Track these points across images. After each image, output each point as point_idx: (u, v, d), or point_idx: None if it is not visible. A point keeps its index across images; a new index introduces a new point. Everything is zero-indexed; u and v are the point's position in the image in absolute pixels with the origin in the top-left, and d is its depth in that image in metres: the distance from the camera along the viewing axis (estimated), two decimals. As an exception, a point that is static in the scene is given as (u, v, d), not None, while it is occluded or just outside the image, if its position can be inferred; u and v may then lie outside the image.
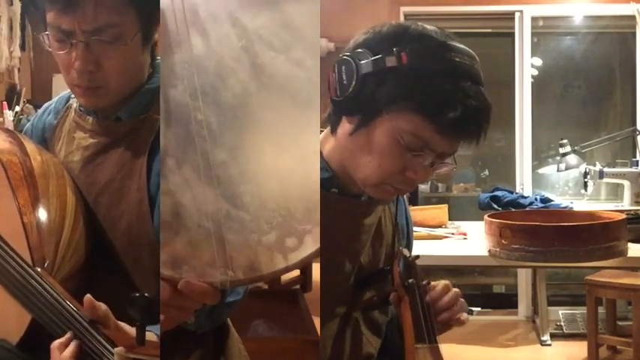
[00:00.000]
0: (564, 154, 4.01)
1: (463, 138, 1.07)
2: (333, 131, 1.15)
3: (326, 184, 1.12)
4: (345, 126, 1.11)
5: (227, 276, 0.89)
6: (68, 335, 0.99)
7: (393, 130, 1.05)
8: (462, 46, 1.07)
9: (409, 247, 1.33)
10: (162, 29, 0.92)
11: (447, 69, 1.03)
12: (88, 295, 0.99)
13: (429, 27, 1.08)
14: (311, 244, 0.88)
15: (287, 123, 0.89)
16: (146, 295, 0.89)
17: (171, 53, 0.91)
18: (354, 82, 1.05)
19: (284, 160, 0.89)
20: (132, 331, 0.96)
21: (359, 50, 1.07)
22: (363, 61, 1.05)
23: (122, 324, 1.00)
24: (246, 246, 0.89)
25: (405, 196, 1.34)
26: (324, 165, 1.15)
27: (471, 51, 1.07)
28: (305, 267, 4.26)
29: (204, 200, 0.89)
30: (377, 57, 1.04)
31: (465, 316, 1.18)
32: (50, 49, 1.16)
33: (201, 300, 0.91)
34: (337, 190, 1.16)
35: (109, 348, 0.95)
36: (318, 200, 0.89)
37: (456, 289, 1.20)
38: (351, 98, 1.06)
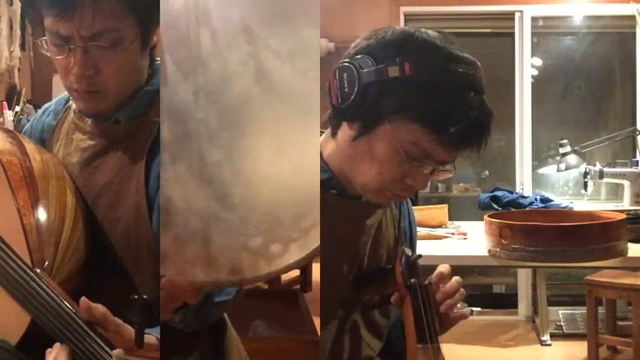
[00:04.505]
0: (564, 154, 4.00)
1: (465, 148, 1.06)
2: (333, 135, 1.15)
3: (325, 185, 1.12)
4: (346, 131, 1.11)
5: (208, 277, 0.88)
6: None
7: (394, 140, 1.04)
8: (466, 54, 1.05)
9: (412, 249, 1.33)
10: (170, 25, 0.91)
11: (450, 80, 1.02)
12: (84, 298, 0.99)
13: (432, 33, 1.06)
14: (296, 252, 0.87)
15: (286, 128, 0.89)
16: (145, 297, 0.89)
17: (179, 49, 0.91)
18: (355, 91, 1.04)
19: (278, 165, 0.89)
20: (131, 332, 0.96)
21: (360, 57, 1.06)
22: (365, 70, 1.04)
23: (122, 323, 1.00)
24: (231, 248, 0.88)
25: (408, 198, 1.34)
26: (324, 166, 1.15)
27: (474, 59, 1.05)
28: (304, 267, 4.26)
29: (194, 198, 0.88)
30: (380, 66, 1.03)
31: (467, 310, 1.18)
32: (48, 54, 1.15)
33: (181, 299, 0.91)
34: (336, 192, 1.16)
35: (107, 350, 0.95)
36: (313, 206, 0.87)
37: (456, 277, 1.19)
38: (352, 106, 1.05)
